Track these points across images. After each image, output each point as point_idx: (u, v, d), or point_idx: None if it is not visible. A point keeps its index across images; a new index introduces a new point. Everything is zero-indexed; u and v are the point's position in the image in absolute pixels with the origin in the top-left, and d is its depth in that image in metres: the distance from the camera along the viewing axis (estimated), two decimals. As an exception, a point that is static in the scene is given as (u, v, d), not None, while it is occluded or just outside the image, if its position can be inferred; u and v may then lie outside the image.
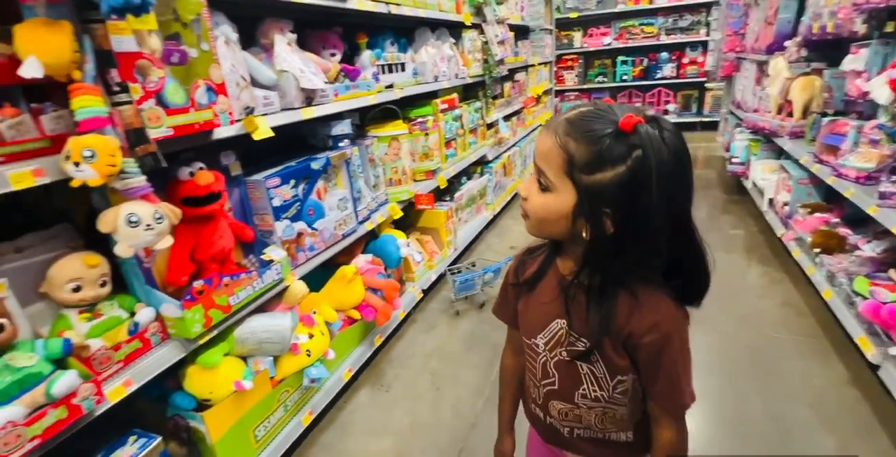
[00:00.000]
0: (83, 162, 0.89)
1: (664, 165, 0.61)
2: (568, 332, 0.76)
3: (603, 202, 0.63)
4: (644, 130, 0.61)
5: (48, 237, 1.12)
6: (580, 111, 0.66)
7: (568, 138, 0.64)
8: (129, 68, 0.97)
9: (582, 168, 0.63)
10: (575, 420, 0.82)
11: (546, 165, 0.67)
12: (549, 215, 0.69)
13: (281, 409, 1.60)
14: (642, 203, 0.62)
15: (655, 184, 0.61)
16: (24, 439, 0.88)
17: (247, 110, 1.37)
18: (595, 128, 0.63)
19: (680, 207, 0.66)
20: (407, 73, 2.45)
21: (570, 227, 0.68)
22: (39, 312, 1.10)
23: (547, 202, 0.68)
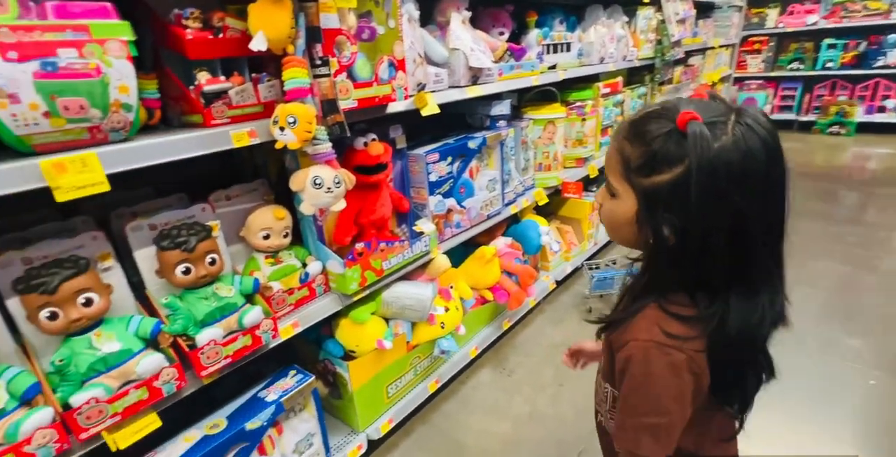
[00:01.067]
0: (287, 127, 1.01)
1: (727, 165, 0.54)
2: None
3: (661, 206, 0.59)
4: (697, 128, 0.55)
5: (250, 189, 1.30)
6: (644, 111, 0.63)
7: (625, 140, 0.62)
8: (330, 44, 1.07)
9: (638, 170, 0.60)
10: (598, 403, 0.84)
11: (609, 169, 0.66)
12: (614, 222, 0.67)
13: (412, 372, 1.70)
14: (700, 208, 0.55)
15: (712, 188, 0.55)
16: (221, 356, 1.05)
17: (419, 86, 1.43)
18: (651, 127, 0.59)
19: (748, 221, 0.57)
20: (571, 54, 2.33)
21: (637, 234, 0.64)
22: (237, 252, 1.30)
23: (612, 208, 0.66)
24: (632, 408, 0.66)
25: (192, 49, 0.96)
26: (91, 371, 0.92)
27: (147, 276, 1.06)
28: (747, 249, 0.58)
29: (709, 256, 0.58)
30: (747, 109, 0.58)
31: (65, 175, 0.79)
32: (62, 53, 0.76)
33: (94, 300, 0.91)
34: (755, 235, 0.58)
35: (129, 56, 0.83)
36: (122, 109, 0.85)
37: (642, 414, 0.64)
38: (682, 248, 0.59)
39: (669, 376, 0.61)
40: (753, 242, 0.58)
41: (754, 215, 0.57)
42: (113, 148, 0.85)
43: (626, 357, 0.64)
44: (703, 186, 0.55)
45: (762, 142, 0.55)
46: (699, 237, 0.57)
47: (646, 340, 0.62)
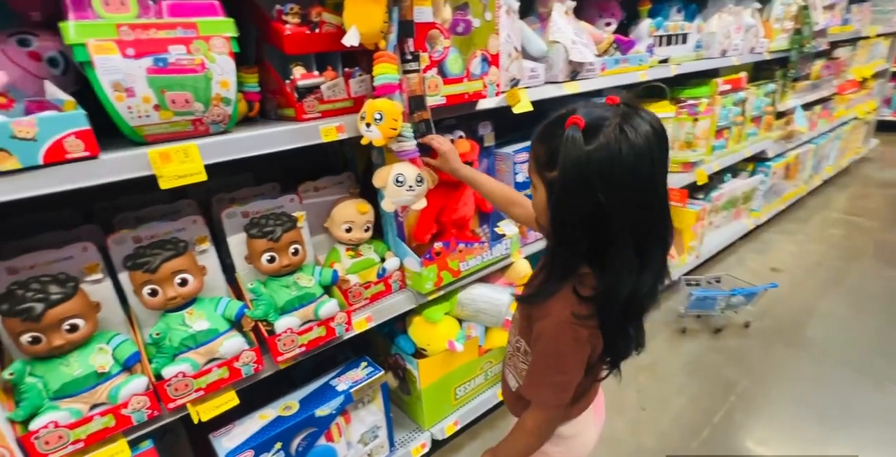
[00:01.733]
0: (373, 123, 1.00)
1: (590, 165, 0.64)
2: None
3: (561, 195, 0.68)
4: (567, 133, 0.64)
5: (337, 182, 1.33)
6: (555, 113, 0.71)
7: (536, 140, 0.72)
8: (422, 38, 1.04)
9: (543, 166, 0.70)
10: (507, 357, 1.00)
11: (529, 163, 0.77)
12: (538, 209, 0.77)
13: (482, 376, 1.65)
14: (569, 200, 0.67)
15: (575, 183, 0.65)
16: (296, 345, 1.08)
17: (512, 82, 1.36)
18: (550, 129, 0.69)
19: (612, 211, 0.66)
20: (688, 46, 2.10)
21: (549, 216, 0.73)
22: (321, 242, 1.34)
23: (534, 196, 0.77)
24: (542, 369, 0.81)
25: (288, 44, 0.98)
26: (182, 346, 0.99)
27: (237, 260, 1.12)
28: (612, 235, 0.68)
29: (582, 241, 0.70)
30: (633, 114, 0.65)
31: (169, 164, 0.84)
32: (172, 50, 0.81)
33: (189, 281, 0.98)
34: (618, 223, 0.67)
35: (230, 52, 0.87)
36: (221, 103, 0.89)
37: (549, 374, 0.80)
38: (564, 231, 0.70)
39: (574, 347, 0.76)
40: (618, 229, 0.67)
41: (617, 206, 0.65)
42: (212, 140, 0.89)
43: (541, 329, 0.78)
44: (569, 181, 0.65)
45: (631, 145, 0.63)
46: (572, 223, 0.69)
47: (559, 318, 0.75)
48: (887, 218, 3.33)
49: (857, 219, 3.35)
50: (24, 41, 0.84)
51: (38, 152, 0.72)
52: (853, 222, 3.29)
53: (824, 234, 3.15)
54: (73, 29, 0.74)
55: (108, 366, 0.91)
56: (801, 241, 3.06)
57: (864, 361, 1.96)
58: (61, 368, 0.87)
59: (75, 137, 0.75)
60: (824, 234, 3.15)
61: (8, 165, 0.71)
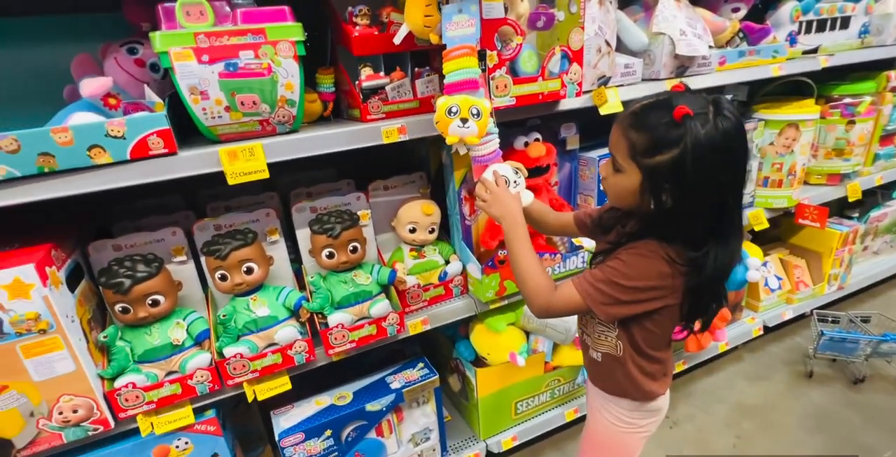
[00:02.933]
0: (471, 119, 0.91)
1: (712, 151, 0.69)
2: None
3: (662, 180, 0.73)
4: (691, 122, 0.69)
5: (408, 181, 1.33)
6: (643, 103, 0.76)
7: (630, 128, 0.75)
8: (490, 35, 0.98)
9: (642, 153, 0.73)
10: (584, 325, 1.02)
11: (616, 151, 0.78)
12: (620, 192, 0.80)
13: (547, 394, 1.55)
14: (693, 182, 0.70)
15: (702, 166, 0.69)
16: (347, 340, 1.11)
17: (601, 80, 1.23)
18: (652, 118, 0.73)
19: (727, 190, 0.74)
20: (849, 32, 1.72)
21: (638, 201, 0.77)
22: (388, 240, 1.36)
23: (619, 181, 0.79)
24: (608, 270, 0.81)
25: (356, 45, 1.00)
26: (245, 329, 1.07)
27: (303, 253, 1.18)
28: (724, 210, 0.75)
29: (698, 216, 0.74)
30: (720, 101, 0.71)
31: (236, 162, 0.91)
32: (242, 55, 0.86)
33: (254, 269, 1.05)
34: (730, 199, 0.75)
35: (295, 55, 0.90)
36: (286, 105, 0.93)
37: (613, 275, 0.80)
38: (677, 210, 0.73)
39: (660, 264, 0.78)
40: (729, 204, 0.75)
41: (730, 185, 0.74)
42: (276, 140, 0.94)
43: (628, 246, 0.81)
44: (695, 163, 0.69)
45: (735, 128, 0.70)
46: (692, 202, 0.73)
47: (647, 247, 0.79)
48: None
49: None
50: (133, 50, 0.96)
51: (126, 149, 0.82)
52: None
53: None
54: (159, 39, 0.82)
55: (182, 339, 1.02)
56: None
57: None
58: (145, 336, 1.00)
59: (157, 135, 0.84)
60: None
61: (102, 159, 0.81)
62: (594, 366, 0.99)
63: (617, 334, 0.89)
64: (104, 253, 1.01)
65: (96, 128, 0.79)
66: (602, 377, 0.98)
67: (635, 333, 0.87)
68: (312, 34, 0.96)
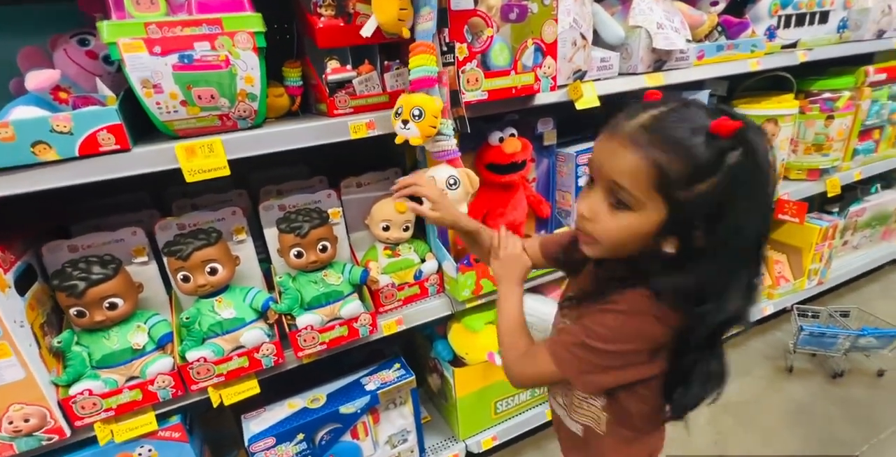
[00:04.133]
0: (411, 120, 0.93)
1: (760, 174, 0.55)
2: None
3: (698, 218, 0.56)
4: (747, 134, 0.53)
5: (382, 178, 1.30)
6: (657, 115, 0.57)
7: (655, 150, 0.55)
8: (459, 27, 0.95)
9: (678, 182, 0.55)
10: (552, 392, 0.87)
11: (629, 180, 0.57)
12: (628, 236, 0.61)
13: (527, 393, 1.54)
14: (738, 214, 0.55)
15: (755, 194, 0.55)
16: (317, 342, 1.08)
17: (577, 74, 1.21)
18: (684, 135, 0.54)
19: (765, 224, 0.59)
20: (828, 27, 1.72)
21: (645, 245, 0.61)
22: (361, 238, 1.32)
23: (627, 222, 0.60)
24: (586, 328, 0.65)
25: (321, 37, 0.96)
26: (210, 332, 1.03)
27: (272, 253, 1.15)
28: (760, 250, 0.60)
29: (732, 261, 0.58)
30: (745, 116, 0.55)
31: (194, 158, 0.87)
32: (197, 47, 0.82)
33: (218, 270, 1.01)
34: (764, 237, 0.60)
35: (255, 47, 0.86)
36: (247, 99, 0.90)
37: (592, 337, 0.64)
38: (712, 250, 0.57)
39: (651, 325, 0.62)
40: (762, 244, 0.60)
41: (768, 220, 0.59)
42: (236, 135, 0.90)
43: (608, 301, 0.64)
44: (745, 190, 0.54)
45: (769, 146, 0.56)
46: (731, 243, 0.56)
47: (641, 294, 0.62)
48: None
49: None
50: (84, 41, 0.92)
51: (75, 145, 0.78)
52: None
53: None
54: (107, 29, 0.78)
55: (143, 343, 0.99)
56: (981, 273, 2.40)
57: None
58: (103, 340, 0.96)
59: (107, 131, 0.80)
60: None
61: (48, 156, 0.77)
62: (571, 440, 0.83)
63: (603, 405, 0.73)
64: (59, 254, 0.97)
65: (40, 123, 0.75)
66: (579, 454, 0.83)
67: (627, 404, 0.71)
68: (279, 25, 0.93)
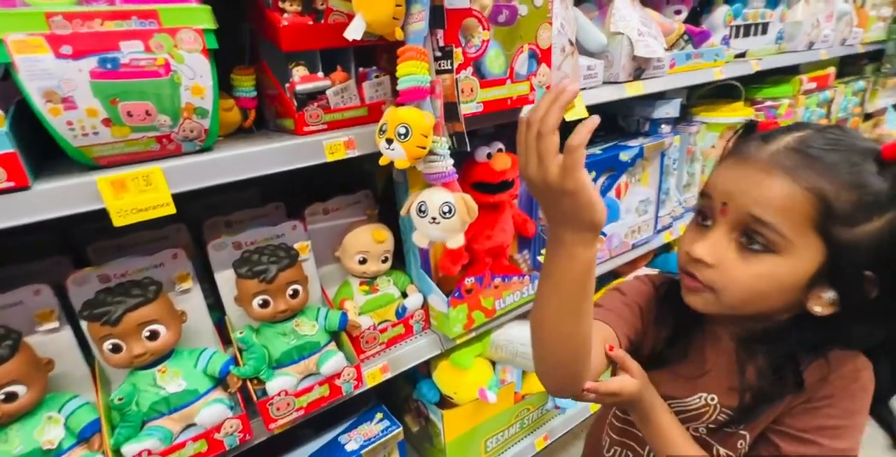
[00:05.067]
0: (396, 140, 0.77)
1: None
2: (718, 408, 0.62)
3: (866, 262, 0.49)
4: None
5: (352, 202, 1.12)
6: (805, 137, 0.51)
7: (816, 176, 0.48)
8: (455, 29, 0.81)
9: (844, 219, 0.48)
10: None
11: (778, 214, 0.49)
12: (769, 288, 0.52)
13: (517, 425, 1.42)
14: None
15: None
16: (293, 408, 0.89)
17: (565, 83, 1.11)
18: (852, 160, 0.48)
19: None
20: (768, 38, 1.79)
21: (793, 301, 0.53)
22: (331, 273, 1.14)
23: (768, 270, 0.51)
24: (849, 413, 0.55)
25: (286, 38, 0.78)
26: (153, 412, 0.81)
27: (227, 301, 0.94)
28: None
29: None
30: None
31: (125, 195, 0.65)
32: (125, 47, 0.61)
33: (160, 333, 0.79)
34: None
35: (204, 49, 0.67)
36: (195, 115, 0.69)
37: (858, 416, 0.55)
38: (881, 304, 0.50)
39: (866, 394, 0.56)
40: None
41: None
42: (183, 162, 0.70)
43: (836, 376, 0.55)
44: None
45: None
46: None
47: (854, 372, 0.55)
48: None
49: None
50: (-51, 38, 0.66)
51: (-59, 185, 0.55)
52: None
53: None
54: (-14, 20, 0.55)
55: (57, 440, 0.74)
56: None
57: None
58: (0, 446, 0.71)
59: (-6, 163, 0.57)
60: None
61: None
62: None
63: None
64: (-79, 331, 0.70)
65: None
66: None
67: None
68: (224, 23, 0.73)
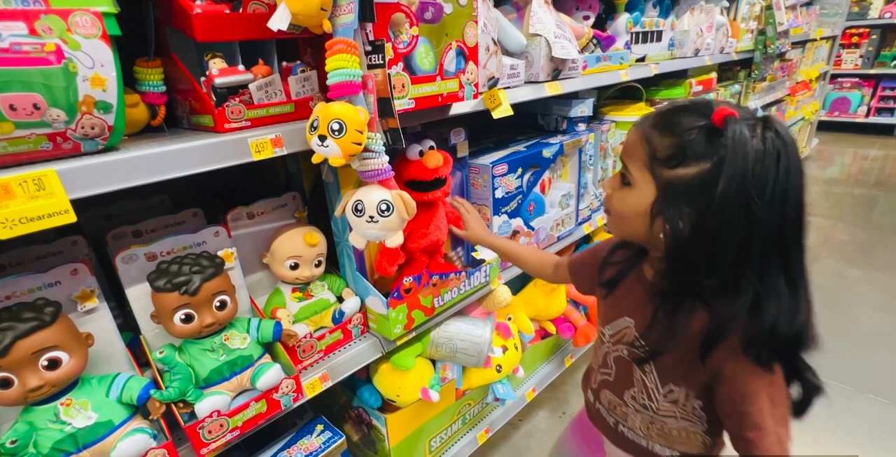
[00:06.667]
0: (330, 136, 0.74)
1: (757, 169, 0.55)
2: (633, 331, 0.73)
3: (682, 200, 0.59)
4: (736, 127, 0.56)
5: (278, 205, 1.06)
6: (675, 103, 0.64)
7: (653, 130, 0.62)
8: (384, 23, 0.80)
9: (664, 161, 0.60)
10: (621, 416, 0.81)
11: (629, 158, 0.65)
12: (627, 212, 0.66)
13: (460, 421, 1.43)
14: (721, 207, 0.56)
15: (737, 187, 0.55)
16: (227, 429, 0.81)
17: (490, 82, 1.14)
18: (684, 120, 0.60)
19: (771, 225, 0.57)
20: (662, 44, 1.97)
21: (648, 227, 0.63)
22: (260, 281, 1.07)
23: (626, 197, 0.65)
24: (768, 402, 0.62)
25: (200, 28, 0.71)
26: (57, 453, 0.70)
27: (142, 319, 0.84)
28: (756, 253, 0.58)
29: (716, 256, 0.58)
30: (773, 118, 0.58)
31: (11, 202, 0.56)
32: (4, 30, 0.53)
33: (61, 361, 0.69)
34: (765, 240, 0.58)
35: (105, 34, 0.59)
36: (96, 109, 0.61)
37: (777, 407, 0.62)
38: (694, 244, 0.59)
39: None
40: (763, 247, 0.58)
41: (768, 220, 0.57)
42: (83, 163, 0.61)
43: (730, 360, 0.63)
44: (731, 183, 0.55)
45: (788, 150, 0.56)
46: (712, 234, 0.58)
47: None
48: (836, 216, 3.41)
49: (810, 218, 3.39)
50: None
51: None
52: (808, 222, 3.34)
53: (784, 235, 3.17)
54: None
55: (-69, 500, 0.62)
56: (764, 242, 3.06)
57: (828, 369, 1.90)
58: None
59: None
60: (784, 235, 3.17)
61: None
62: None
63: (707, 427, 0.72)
64: None
65: None
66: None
67: None
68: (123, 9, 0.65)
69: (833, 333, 2.13)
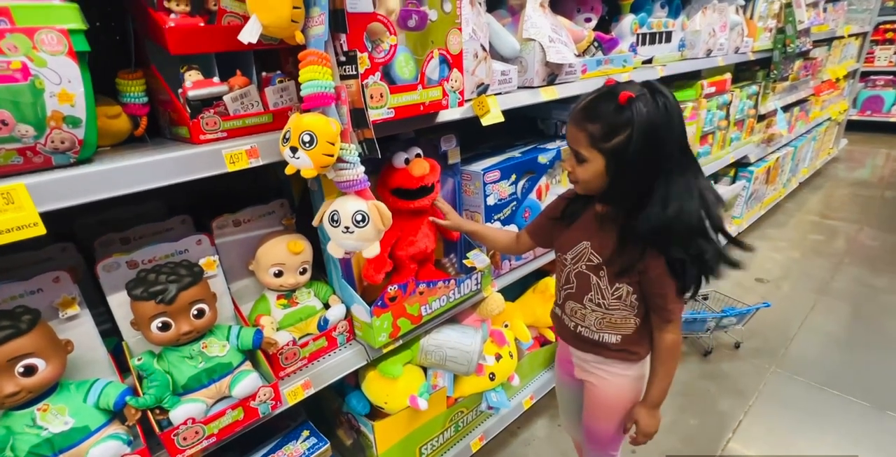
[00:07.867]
0: (301, 148, 0.74)
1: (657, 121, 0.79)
2: (590, 250, 0.95)
3: (621, 157, 0.82)
4: (636, 101, 0.79)
5: (265, 212, 1.07)
6: (589, 98, 0.86)
7: (585, 120, 0.84)
8: (359, 33, 0.79)
9: (602, 139, 0.83)
10: (580, 318, 1.02)
11: (576, 144, 0.87)
12: (590, 178, 0.88)
13: (452, 428, 1.42)
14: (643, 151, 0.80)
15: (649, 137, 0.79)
16: (202, 436, 0.83)
17: (480, 88, 1.12)
18: (601, 107, 0.83)
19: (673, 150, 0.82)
20: (671, 45, 1.92)
21: (605, 181, 0.87)
22: (245, 287, 1.08)
23: (586, 170, 0.88)
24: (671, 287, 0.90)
25: (173, 41, 0.72)
26: (33, 456, 0.72)
27: (124, 326, 0.86)
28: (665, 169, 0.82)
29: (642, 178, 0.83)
30: (653, 82, 0.83)
31: (-21, 215, 0.57)
32: (-31, 48, 0.54)
33: (37, 368, 0.71)
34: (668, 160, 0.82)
35: (71, 51, 0.60)
36: (65, 124, 0.62)
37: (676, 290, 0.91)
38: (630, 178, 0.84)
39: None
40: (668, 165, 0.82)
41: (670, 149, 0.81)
42: (53, 177, 0.63)
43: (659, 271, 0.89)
44: (645, 137, 0.79)
45: (668, 102, 0.81)
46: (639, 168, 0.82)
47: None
48: (863, 220, 3.27)
49: (835, 222, 3.27)
50: None
51: None
52: (831, 227, 3.21)
53: (805, 240, 3.05)
54: None
55: None
56: (783, 248, 2.95)
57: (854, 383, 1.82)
58: None
59: None
60: (805, 240, 3.05)
61: None
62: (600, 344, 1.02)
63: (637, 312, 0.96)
64: None
65: None
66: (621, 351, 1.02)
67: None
68: (105, 21, 0.67)
69: (856, 346, 2.05)
